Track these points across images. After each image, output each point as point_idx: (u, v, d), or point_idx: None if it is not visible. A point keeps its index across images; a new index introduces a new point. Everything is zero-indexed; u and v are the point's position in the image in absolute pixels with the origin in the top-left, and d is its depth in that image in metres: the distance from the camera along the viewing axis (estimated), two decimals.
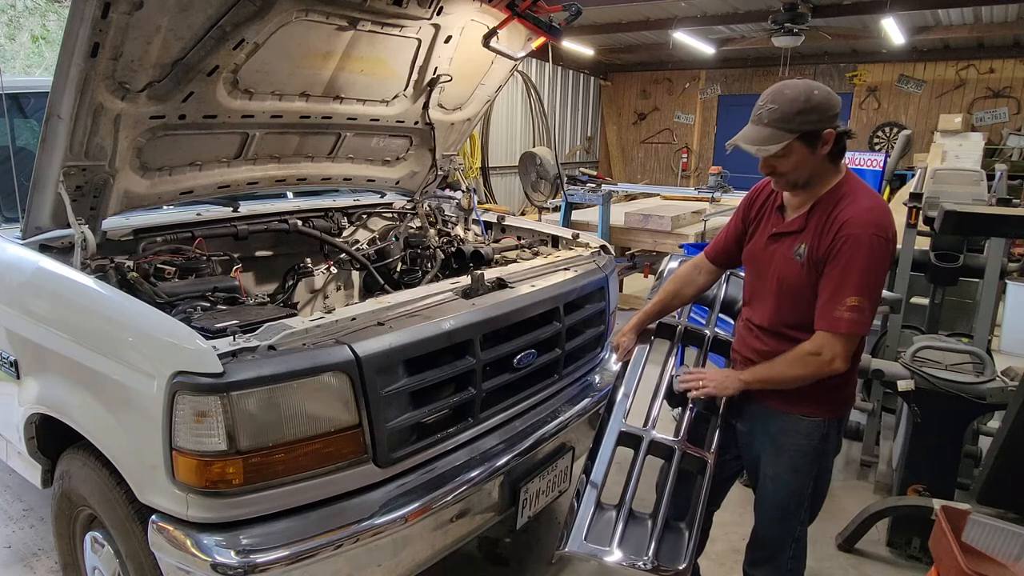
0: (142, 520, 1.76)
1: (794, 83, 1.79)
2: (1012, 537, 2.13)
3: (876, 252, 1.74)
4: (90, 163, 2.08)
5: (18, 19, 7.95)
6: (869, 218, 1.75)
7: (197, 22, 1.95)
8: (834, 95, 1.79)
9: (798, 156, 1.78)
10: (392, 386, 1.85)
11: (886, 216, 1.79)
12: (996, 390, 2.69)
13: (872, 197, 1.82)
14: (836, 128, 1.78)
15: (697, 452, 2.12)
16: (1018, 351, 5.48)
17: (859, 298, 1.74)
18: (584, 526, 1.96)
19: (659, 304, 2.28)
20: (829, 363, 1.78)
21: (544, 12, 2.71)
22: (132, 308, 1.80)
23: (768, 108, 1.77)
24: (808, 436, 1.95)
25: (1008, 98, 10.86)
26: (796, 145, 1.76)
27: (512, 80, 6.46)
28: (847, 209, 1.78)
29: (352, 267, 3.19)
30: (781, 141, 1.75)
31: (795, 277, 1.87)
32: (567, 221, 6.66)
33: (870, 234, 1.74)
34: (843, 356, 1.78)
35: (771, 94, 1.79)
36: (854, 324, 1.74)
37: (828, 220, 1.80)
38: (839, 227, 1.77)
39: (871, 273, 1.75)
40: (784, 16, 7.88)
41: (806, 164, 1.80)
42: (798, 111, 1.73)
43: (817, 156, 1.79)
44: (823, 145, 1.77)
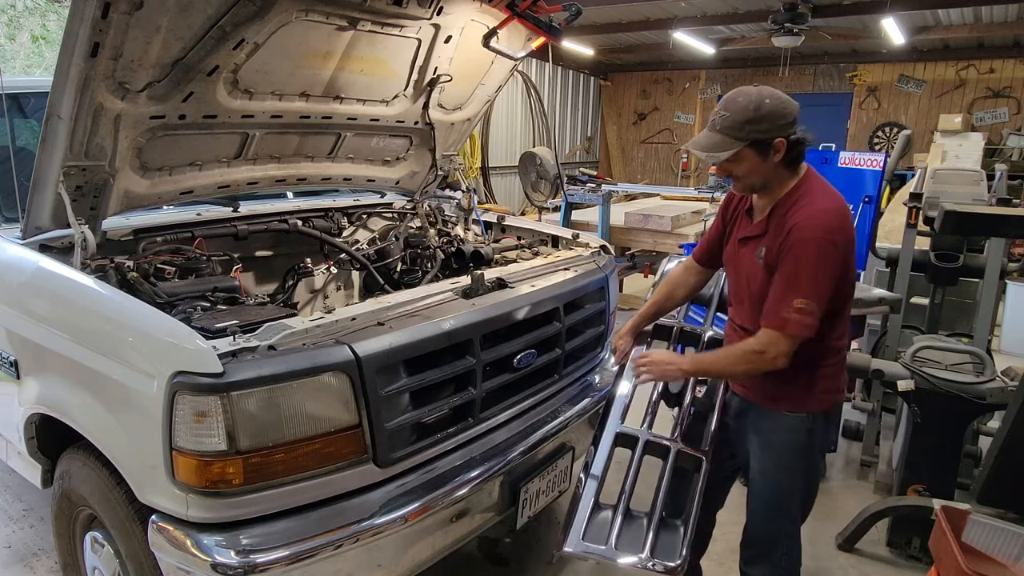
0: (142, 520, 1.76)
1: (748, 91, 1.82)
2: (1012, 537, 2.13)
3: (824, 255, 1.76)
4: (90, 163, 2.08)
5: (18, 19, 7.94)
6: (819, 221, 1.77)
7: (197, 22, 1.95)
8: (788, 104, 1.82)
9: (750, 163, 1.83)
10: (392, 386, 1.85)
11: (838, 219, 1.80)
12: (996, 390, 2.69)
13: (827, 200, 1.83)
14: (789, 136, 1.80)
15: (692, 451, 2.15)
16: (1018, 351, 5.48)
17: (806, 300, 1.75)
18: (582, 526, 2.00)
19: (654, 306, 2.32)
20: (772, 361, 1.81)
21: (544, 12, 2.70)
22: (132, 308, 1.80)
23: (720, 115, 1.81)
24: (793, 431, 1.97)
25: (1008, 98, 10.86)
26: (747, 152, 1.81)
27: (512, 80, 6.46)
28: (799, 212, 1.81)
29: (352, 267, 3.19)
30: (730, 148, 1.80)
31: (760, 280, 1.90)
32: (567, 221, 6.66)
33: (818, 237, 1.76)
34: (786, 355, 1.81)
35: (725, 101, 1.83)
36: (800, 326, 1.77)
37: (783, 223, 1.83)
38: (790, 229, 1.80)
39: (819, 276, 1.76)
40: (784, 16, 7.88)
41: (758, 170, 1.84)
42: (747, 120, 1.77)
43: (769, 163, 1.83)
44: (775, 153, 1.81)
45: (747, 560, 2.17)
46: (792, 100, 1.84)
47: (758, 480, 2.06)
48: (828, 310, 1.82)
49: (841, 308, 1.91)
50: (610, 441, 2.19)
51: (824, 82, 12.32)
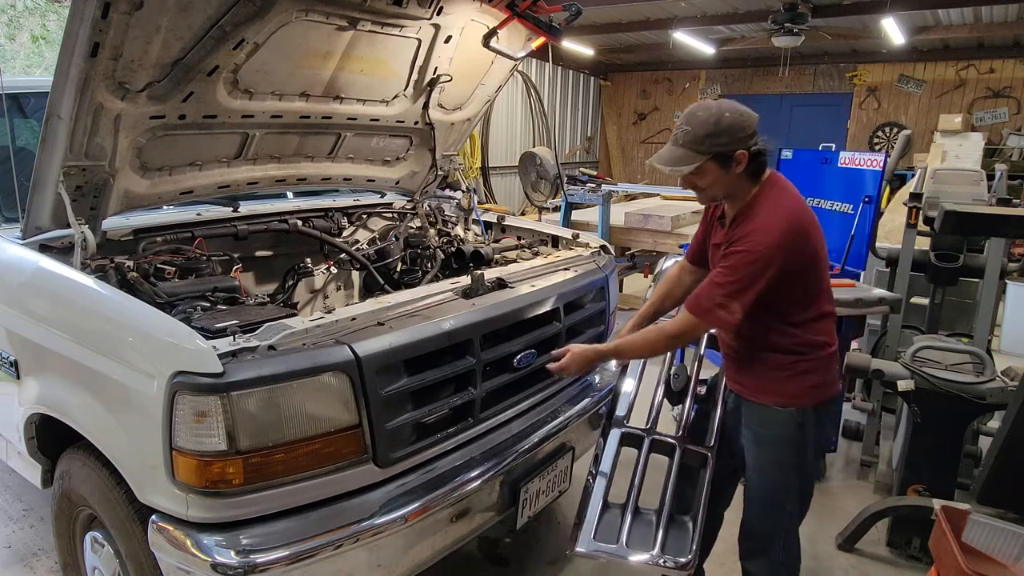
0: (142, 520, 1.76)
1: (708, 105, 1.87)
2: (1012, 537, 2.13)
3: (758, 266, 1.82)
4: (90, 163, 2.08)
5: (18, 19, 7.94)
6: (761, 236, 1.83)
7: (197, 22, 1.95)
8: (747, 116, 1.86)
9: (712, 175, 1.88)
10: (392, 386, 1.85)
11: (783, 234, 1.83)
12: (996, 390, 2.69)
13: (775, 213, 1.87)
14: (750, 148, 1.85)
15: (697, 447, 2.18)
16: (1018, 351, 5.48)
17: (731, 300, 1.83)
18: (592, 526, 2.05)
19: (652, 307, 2.35)
20: (678, 340, 1.99)
21: (544, 12, 2.71)
22: (132, 308, 1.80)
23: (682, 129, 1.86)
24: (784, 426, 2.00)
25: (1008, 98, 10.86)
26: (709, 165, 1.86)
27: (512, 80, 6.46)
28: (749, 223, 1.88)
29: (352, 267, 3.19)
30: (693, 162, 1.85)
31: None
32: (567, 221, 6.66)
33: (757, 249, 1.82)
34: (693, 336, 2.00)
35: (686, 115, 1.88)
36: (718, 320, 1.87)
37: (737, 233, 1.90)
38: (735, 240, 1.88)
39: (749, 284, 1.83)
40: (784, 16, 7.88)
41: (721, 182, 1.90)
42: (708, 133, 1.83)
43: (731, 175, 1.88)
44: (736, 165, 1.86)
45: (745, 555, 2.20)
46: (751, 112, 1.89)
47: (753, 475, 2.10)
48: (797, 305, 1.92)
49: (812, 305, 1.95)
50: (616, 442, 2.21)
51: (824, 82, 12.32)
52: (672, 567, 1.97)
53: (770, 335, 1.96)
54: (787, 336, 1.95)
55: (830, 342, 2.01)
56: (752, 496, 2.12)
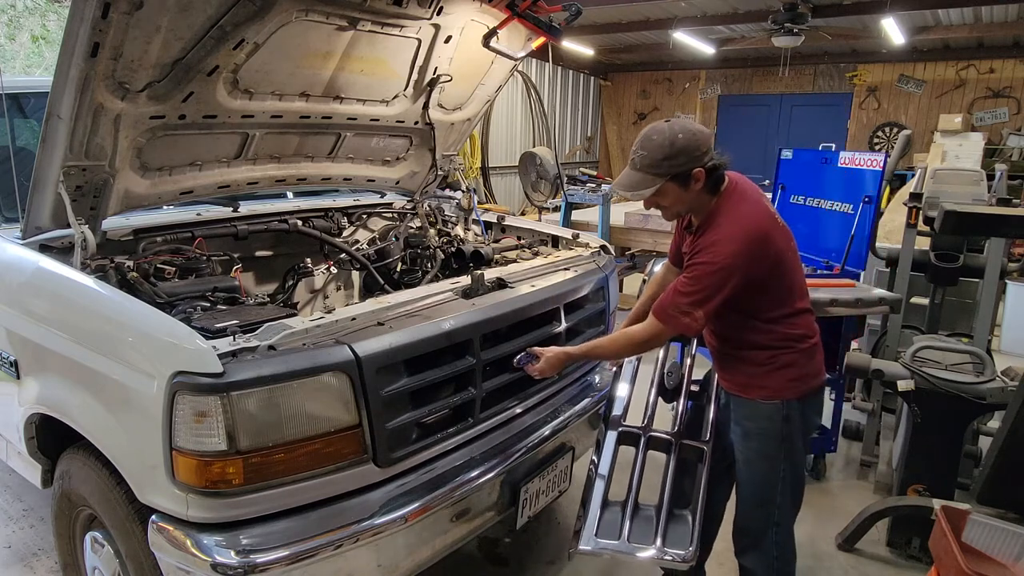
0: (142, 520, 1.76)
1: (660, 129, 1.92)
2: (1012, 537, 2.13)
3: (717, 275, 1.88)
4: (90, 163, 2.08)
5: (18, 19, 7.95)
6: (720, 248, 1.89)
7: (197, 22, 1.95)
8: (700, 135, 1.92)
9: (673, 195, 1.94)
10: (392, 386, 1.85)
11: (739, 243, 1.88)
12: (996, 390, 2.69)
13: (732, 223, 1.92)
14: (705, 165, 1.90)
15: (694, 442, 2.23)
16: (1018, 351, 5.48)
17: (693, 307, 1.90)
18: (594, 524, 2.09)
19: (642, 307, 2.39)
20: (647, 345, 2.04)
21: (544, 12, 2.71)
22: (132, 308, 1.80)
23: (639, 154, 1.92)
24: (769, 419, 2.04)
25: (1008, 98, 10.86)
26: (668, 186, 1.92)
27: (512, 80, 6.46)
28: (708, 234, 1.94)
29: (352, 267, 3.18)
30: (652, 185, 1.92)
31: None
32: (567, 221, 6.66)
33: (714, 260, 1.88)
34: (660, 340, 2.05)
35: (641, 140, 1.94)
36: (682, 326, 1.93)
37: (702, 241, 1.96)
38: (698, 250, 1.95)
39: (709, 291, 1.89)
40: (784, 16, 7.88)
41: (682, 200, 1.96)
42: (663, 157, 1.88)
43: (691, 192, 1.94)
44: (695, 182, 1.92)
45: (740, 550, 2.22)
46: (704, 130, 1.96)
47: (743, 469, 2.13)
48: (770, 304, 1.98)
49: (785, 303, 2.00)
50: (614, 440, 2.24)
51: (824, 82, 12.32)
52: (674, 560, 2.01)
53: (747, 334, 2.02)
54: (764, 333, 2.00)
55: (809, 334, 2.05)
56: (743, 491, 2.15)
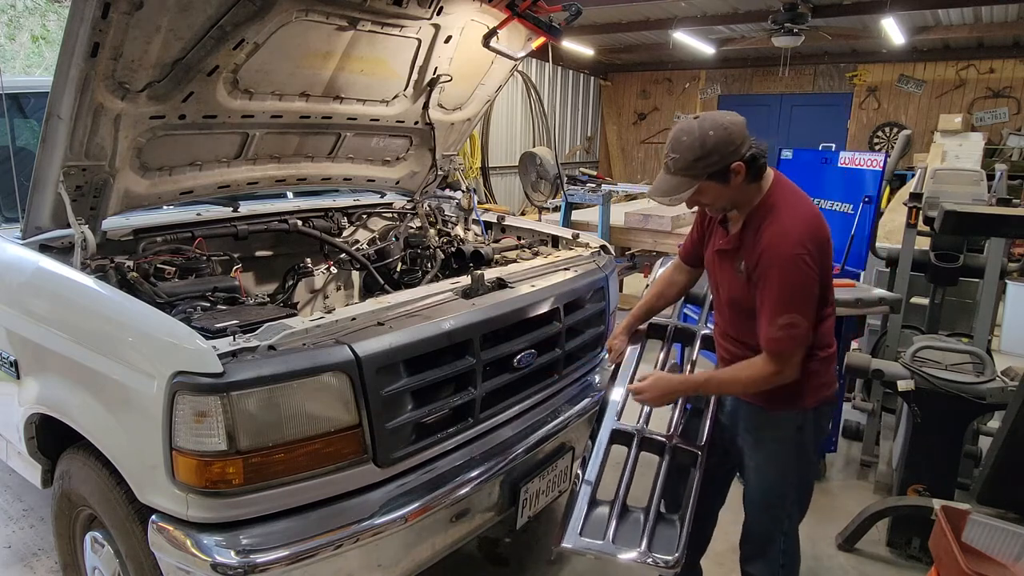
0: (142, 520, 1.76)
1: (690, 127, 1.79)
2: (1012, 537, 2.13)
3: (799, 268, 1.77)
4: (90, 163, 2.08)
5: (18, 19, 7.95)
6: (790, 238, 1.78)
7: (197, 22, 1.95)
8: (732, 127, 1.78)
9: (713, 191, 1.83)
10: (392, 386, 1.85)
11: (806, 230, 1.80)
12: (996, 390, 2.69)
13: (794, 209, 1.84)
14: (744, 157, 1.79)
15: (688, 446, 2.17)
16: (1018, 351, 5.48)
17: (790, 315, 1.78)
18: (579, 522, 2.02)
19: (646, 306, 2.35)
20: (779, 376, 1.84)
21: (544, 12, 2.71)
22: (132, 308, 1.80)
23: (671, 158, 1.81)
24: (785, 428, 1.99)
25: (1008, 98, 10.86)
26: (706, 185, 1.81)
27: (512, 80, 6.46)
28: (768, 228, 1.82)
29: (352, 267, 3.19)
30: (689, 187, 1.81)
31: (741, 292, 1.93)
32: (567, 221, 6.65)
33: (790, 254, 1.77)
34: (792, 366, 1.84)
35: (672, 143, 1.81)
36: (792, 340, 1.80)
37: (755, 238, 1.85)
38: (762, 249, 1.81)
39: (797, 289, 1.79)
40: (784, 16, 7.88)
41: (724, 195, 1.85)
42: (696, 158, 1.77)
43: (732, 186, 1.82)
44: (735, 176, 1.80)
45: (745, 558, 2.19)
46: (736, 120, 1.81)
47: (753, 478, 2.08)
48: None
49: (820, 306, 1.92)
50: (606, 438, 2.21)
51: (824, 82, 12.32)
52: (659, 564, 1.95)
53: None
54: None
55: (830, 342, 2.00)
56: (752, 498, 2.11)
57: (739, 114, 1.84)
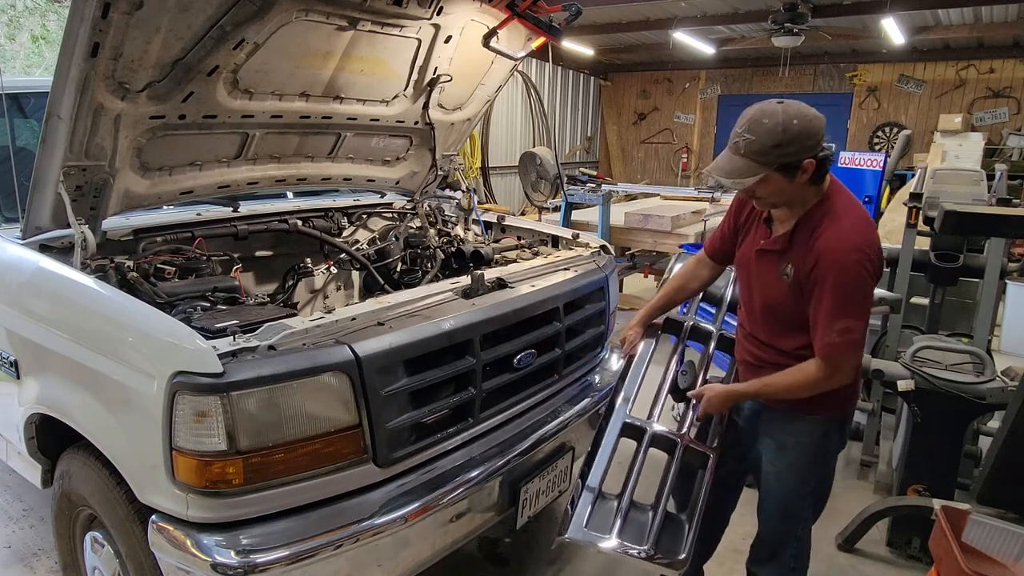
0: (142, 520, 1.76)
1: (772, 111, 1.71)
2: (1012, 537, 2.13)
3: (859, 274, 1.74)
4: (90, 163, 2.08)
5: (18, 19, 7.95)
6: (850, 242, 1.74)
7: (197, 22, 1.94)
8: (816, 121, 1.72)
9: (776, 184, 1.76)
10: (392, 386, 1.85)
11: (867, 234, 1.78)
12: (996, 390, 2.69)
13: (852, 214, 1.80)
14: (817, 156, 1.73)
15: (699, 447, 2.14)
16: (1018, 351, 5.48)
17: (848, 320, 1.74)
18: (585, 514, 1.97)
19: (663, 299, 2.31)
20: (831, 381, 1.81)
21: (544, 12, 2.70)
22: (132, 308, 1.80)
23: (745, 139, 1.72)
24: (810, 434, 1.97)
25: (1008, 98, 10.86)
26: (774, 175, 1.73)
27: (512, 80, 6.46)
28: (827, 232, 1.77)
29: (352, 267, 3.18)
30: (756, 174, 1.72)
31: (782, 296, 1.88)
32: (567, 221, 6.65)
33: (852, 260, 1.73)
34: (846, 371, 1.81)
35: (749, 122, 1.73)
36: (850, 345, 1.77)
37: (811, 242, 1.79)
38: (820, 253, 1.76)
39: (856, 295, 1.75)
40: (784, 16, 7.88)
41: (784, 191, 1.78)
42: (774, 144, 1.69)
43: (795, 183, 1.76)
44: (802, 174, 1.74)
45: (755, 560, 2.18)
46: (818, 115, 1.74)
47: (772, 482, 2.05)
48: None
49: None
50: (617, 431, 2.14)
51: (824, 82, 12.32)
52: (665, 563, 1.91)
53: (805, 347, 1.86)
54: None
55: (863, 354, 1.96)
56: (769, 503, 2.08)
57: (814, 109, 1.76)
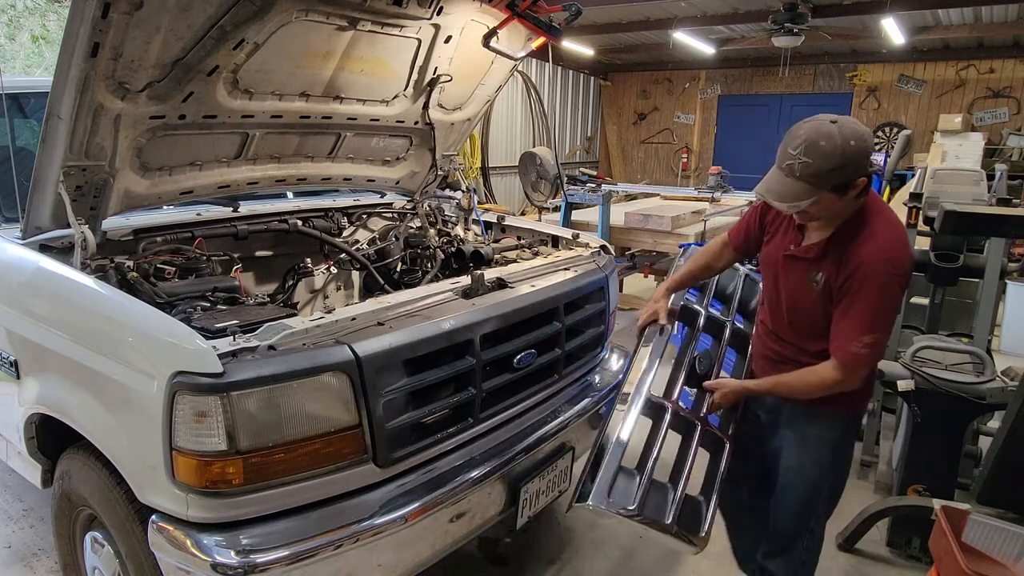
0: (142, 520, 1.76)
1: (829, 133, 1.67)
2: (1012, 537, 2.13)
3: (892, 289, 1.77)
4: (90, 163, 2.08)
5: (18, 19, 7.95)
6: (887, 256, 1.75)
7: (197, 22, 1.95)
8: (868, 138, 1.71)
9: (827, 202, 1.75)
10: (392, 386, 1.85)
11: (903, 248, 1.80)
12: (996, 390, 2.69)
13: (891, 230, 1.81)
14: (868, 172, 1.73)
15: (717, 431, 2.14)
16: (1018, 351, 5.48)
17: (876, 335, 1.78)
18: (607, 483, 1.91)
19: (689, 274, 2.32)
20: (842, 386, 1.85)
21: (544, 12, 2.70)
22: (132, 308, 1.80)
23: (801, 162, 1.68)
24: (831, 429, 2.02)
25: (1008, 98, 10.86)
26: (826, 195, 1.73)
27: (512, 80, 6.46)
28: (866, 245, 1.77)
29: (352, 267, 3.18)
30: (811, 197, 1.71)
31: (810, 303, 1.90)
32: (567, 221, 6.65)
33: (887, 273, 1.75)
34: (858, 380, 1.86)
35: (806, 145, 1.68)
36: (872, 359, 1.81)
37: (847, 253, 1.80)
38: (857, 265, 1.77)
39: (887, 310, 1.78)
40: (784, 16, 7.88)
41: (834, 208, 1.78)
42: (832, 168, 1.67)
43: (846, 200, 1.76)
44: (853, 191, 1.74)
45: (767, 554, 2.20)
46: (868, 131, 1.74)
47: (791, 475, 2.08)
48: None
49: None
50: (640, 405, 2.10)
51: (824, 82, 12.32)
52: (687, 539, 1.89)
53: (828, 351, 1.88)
54: None
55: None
56: (786, 496, 2.10)
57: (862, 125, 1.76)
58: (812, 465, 2.04)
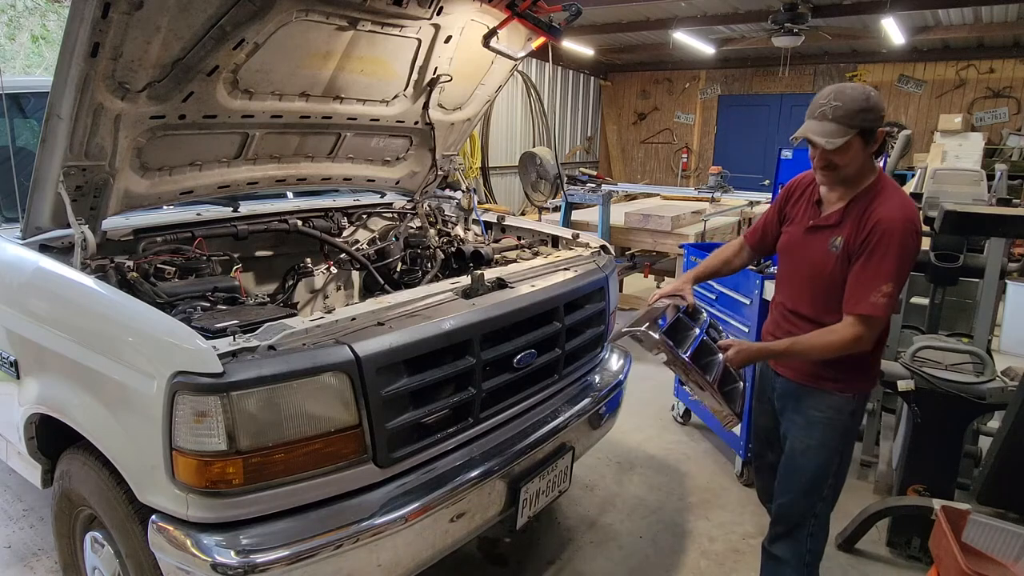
0: (142, 520, 1.76)
1: (852, 85, 1.97)
2: (1012, 537, 2.13)
3: (909, 243, 1.92)
4: (90, 163, 2.08)
5: (18, 19, 7.94)
6: (903, 213, 1.93)
7: (197, 22, 1.95)
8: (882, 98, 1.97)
9: (855, 150, 1.94)
10: (392, 386, 1.85)
11: (916, 212, 1.98)
12: (996, 390, 2.69)
13: (903, 194, 2.00)
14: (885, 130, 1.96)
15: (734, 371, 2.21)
16: (1018, 351, 5.48)
17: (893, 285, 1.90)
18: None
19: (711, 269, 2.44)
20: (859, 343, 1.94)
21: (544, 12, 2.71)
22: (132, 308, 1.80)
23: (832, 105, 1.92)
24: (839, 411, 2.08)
25: (1008, 98, 10.86)
26: (855, 140, 1.92)
27: (512, 80, 6.46)
28: (883, 206, 1.95)
29: (352, 267, 3.19)
30: (845, 136, 1.91)
31: (830, 268, 2.03)
32: (567, 221, 6.65)
33: (905, 228, 1.91)
34: (872, 336, 1.96)
35: (833, 93, 1.94)
36: (888, 308, 1.91)
37: (864, 215, 1.96)
38: (876, 222, 1.93)
39: (904, 262, 1.92)
40: (784, 16, 7.88)
41: (859, 158, 1.96)
42: (860, 109, 1.90)
43: (868, 152, 1.97)
44: (874, 143, 1.96)
45: (772, 538, 2.23)
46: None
47: (798, 459, 2.14)
48: None
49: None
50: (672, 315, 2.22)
51: (824, 82, 12.31)
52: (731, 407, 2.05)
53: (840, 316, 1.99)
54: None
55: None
56: (791, 480, 2.16)
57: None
58: (820, 448, 2.09)
